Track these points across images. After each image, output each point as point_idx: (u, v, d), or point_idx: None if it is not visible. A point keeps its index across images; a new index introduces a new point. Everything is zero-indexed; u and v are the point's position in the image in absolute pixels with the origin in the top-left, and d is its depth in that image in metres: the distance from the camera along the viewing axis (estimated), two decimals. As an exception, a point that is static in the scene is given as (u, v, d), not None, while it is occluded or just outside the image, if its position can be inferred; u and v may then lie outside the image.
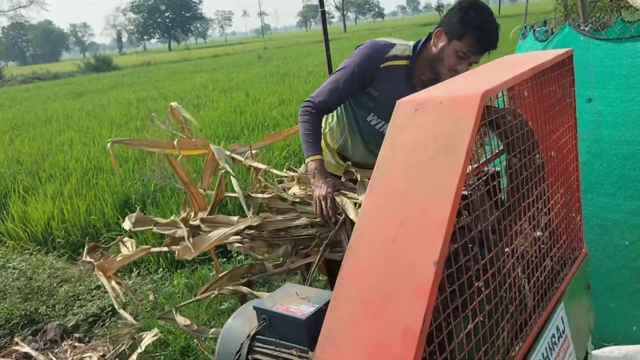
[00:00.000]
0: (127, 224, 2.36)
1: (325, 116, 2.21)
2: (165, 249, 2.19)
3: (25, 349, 2.93)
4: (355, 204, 1.70)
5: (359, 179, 1.83)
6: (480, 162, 1.20)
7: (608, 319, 2.20)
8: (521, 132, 1.22)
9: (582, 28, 2.52)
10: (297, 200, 1.89)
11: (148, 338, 2.78)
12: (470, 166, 1.05)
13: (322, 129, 2.17)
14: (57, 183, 5.80)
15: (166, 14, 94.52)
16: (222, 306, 3.03)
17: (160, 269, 3.79)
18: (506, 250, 1.08)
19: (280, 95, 11.01)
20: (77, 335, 3.16)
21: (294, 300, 1.05)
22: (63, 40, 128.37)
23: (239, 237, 1.83)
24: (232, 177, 2.05)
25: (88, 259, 2.59)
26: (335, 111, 2.24)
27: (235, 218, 1.91)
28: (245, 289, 1.75)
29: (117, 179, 4.71)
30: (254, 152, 2.37)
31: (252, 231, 1.82)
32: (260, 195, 1.95)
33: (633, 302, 2.27)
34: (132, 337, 2.83)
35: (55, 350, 3.00)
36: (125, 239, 2.52)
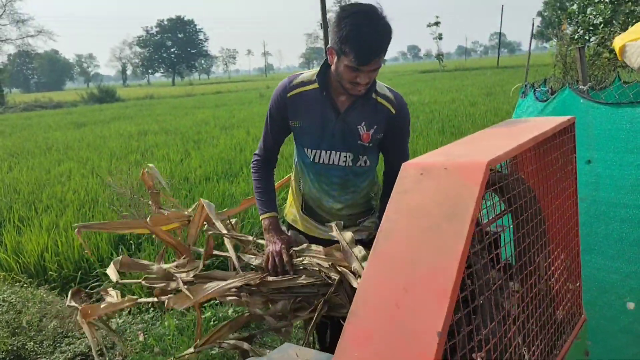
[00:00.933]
0: (112, 273, 2.25)
1: (292, 176, 2.25)
2: (154, 299, 2.14)
3: (10, 387, 2.86)
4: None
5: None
6: (482, 222, 1.21)
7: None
8: (526, 199, 1.24)
9: (581, 88, 2.58)
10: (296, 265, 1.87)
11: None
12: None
13: (290, 186, 2.20)
14: (53, 214, 5.78)
15: (172, 50, 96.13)
16: (214, 351, 2.98)
17: (152, 309, 3.74)
18: (509, 318, 1.08)
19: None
20: (63, 374, 3.09)
21: (292, 361, 1.04)
22: (68, 70, 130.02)
23: (234, 290, 1.81)
24: (225, 238, 2.00)
25: (72, 303, 2.53)
26: (294, 164, 2.24)
27: (231, 273, 1.89)
28: (246, 345, 1.72)
29: (91, 257, 4.57)
30: (232, 221, 2.33)
31: (249, 287, 1.81)
32: (255, 261, 1.93)
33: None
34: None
35: (40, 390, 2.93)
36: (110, 288, 2.44)
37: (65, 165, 9.08)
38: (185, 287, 1.76)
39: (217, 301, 3.63)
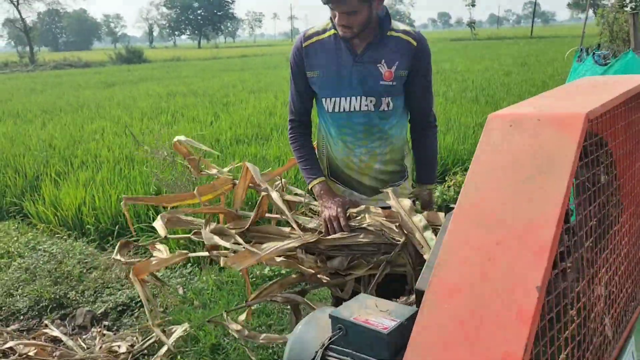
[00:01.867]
0: (160, 228, 2.26)
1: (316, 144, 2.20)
2: (206, 254, 2.13)
3: (55, 332, 2.94)
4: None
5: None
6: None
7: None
8: (607, 162, 1.18)
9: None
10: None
11: (178, 332, 2.77)
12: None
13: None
14: (89, 170, 5.86)
15: (198, 11, 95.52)
16: (255, 321, 2.99)
17: (189, 264, 3.78)
18: (596, 279, 1.04)
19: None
20: (105, 323, 3.17)
21: (372, 312, 1.02)
22: (96, 30, 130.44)
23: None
24: (275, 200, 1.95)
25: (119, 257, 2.56)
26: (317, 132, 2.20)
27: (285, 229, 1.87)
28: (299, 298, 1.71)
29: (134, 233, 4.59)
30: (283, 181, 2.27)
31: (305, 245, 1.79)
32: (310, 224, 1.89)
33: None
34: (163, 330, 2.82)
35: (84, 336, 3.01)
36: (157, 244, 2.44)
37: (98, 123, 9.16)
38: (246, 245, 1.74)
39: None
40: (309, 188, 2.06)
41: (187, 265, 3.76)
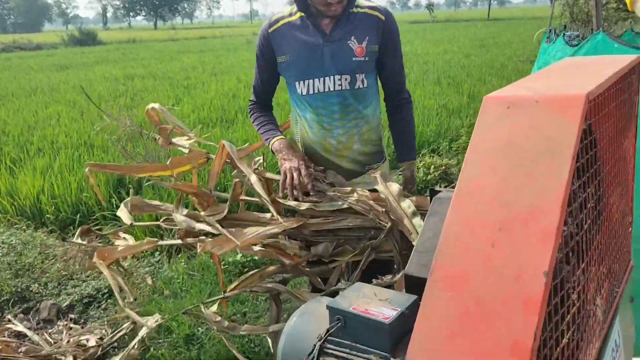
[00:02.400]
0: (124, 215, 2.15)
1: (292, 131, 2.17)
2: (178, 241, 2.06)
3: (19, 327, 2.82)
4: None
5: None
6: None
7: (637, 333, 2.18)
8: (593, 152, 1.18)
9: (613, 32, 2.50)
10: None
11: (150, 322, 2.69)
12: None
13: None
14: (46, 157, 5.63)
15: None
16: (228, 309, 2.93)
17: (157, 253, 3.69)
18: (592, 261, 1.03)
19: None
20: (72, 316, 3.06)
21: (371, 301, 0.99)
22: (46, 11, 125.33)
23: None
24: (254, 183, 1.89)
25: (79, 241, 2.45)
26: (291, 117, 2.18)
27: (265, 215, 1.81)
28: (282, 287, 1.67)
29: (103, 202, 4.39)
30: (260, 159, 2.21)
31: (288, 230, 1.74)
32: (292, 203, 1.82)
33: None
34: (132, 322, 2.74)
35: (50, 331, 2.90)
36: (121, 233, 2.34)
37: (53, 107, 8.82)
38: (223, 231, 1.68)
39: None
40: (270, 148, 2.03)
41: (154, 254, 3.66)
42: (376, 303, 0.99)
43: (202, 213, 1.90)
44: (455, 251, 0.91)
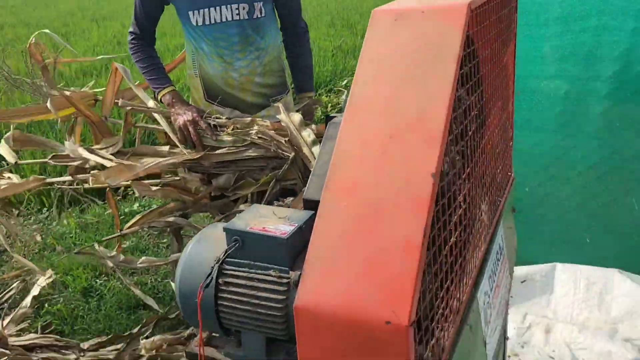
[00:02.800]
0: (7, 153, 1.97)
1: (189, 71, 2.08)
2: (69, 178, 1.92)
3: None
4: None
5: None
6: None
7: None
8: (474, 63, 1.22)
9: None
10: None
11: (42, 280, 2.54)
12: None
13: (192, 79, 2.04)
14: None
15: None
16: (124, 245, 2.84)
17: (45, 209, 3.45)
18: (477, 167, 1.09)
19: (161, 28, 10.30)
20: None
21: (269, 220, 0.98)
22: None
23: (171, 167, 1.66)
24: (150, 108, 1.80)
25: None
26: (186, 53, 2.08)
27: (163, 148, 1.73)
28: (183, 221, 1.62)
29: None
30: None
31: (187, 162, 1.67)
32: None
33: (535, 227, 2.48)
34: (23, 280, 2.57)
35: None
36: (5, 173, 2.16)
37: None
38: (120, 160, 1.59)
39: (120, 196, 3.43)
40: (159, 99, 1.94)
41: (42, 210, 3.43)
42: (274, 221, 0.98)
43: (96, 146, 1.79)
44: (349, 162, 0.92)
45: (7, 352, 1.87)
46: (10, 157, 1.82)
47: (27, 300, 2.37)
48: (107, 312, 2.36)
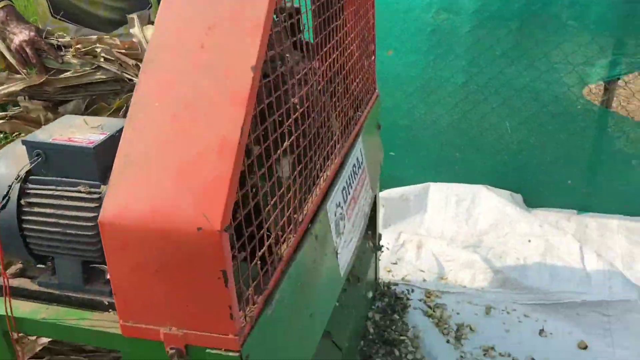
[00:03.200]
0: None
1: None
2: None
3: None
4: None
5: None
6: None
7: (389, 166, 2.39)
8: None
9: None
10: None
11: None
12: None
13: None
14: None
15: None
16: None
17: None
18: (319, 70, 1.02)
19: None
20: None
21: (78, 130, 0.86)
22: None
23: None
24: None
25: None
26: None
27: (2, 74, 1.51)
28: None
29: None
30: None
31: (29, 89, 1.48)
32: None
33: (407, 150, 2.51)
34: None
35: None
36: None
37: None
38: None
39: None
40: None
41: None
42: (83, 131, 0.86)
43: None
44: (163, 58, 0.81)
45: None
46: None
47: None
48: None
